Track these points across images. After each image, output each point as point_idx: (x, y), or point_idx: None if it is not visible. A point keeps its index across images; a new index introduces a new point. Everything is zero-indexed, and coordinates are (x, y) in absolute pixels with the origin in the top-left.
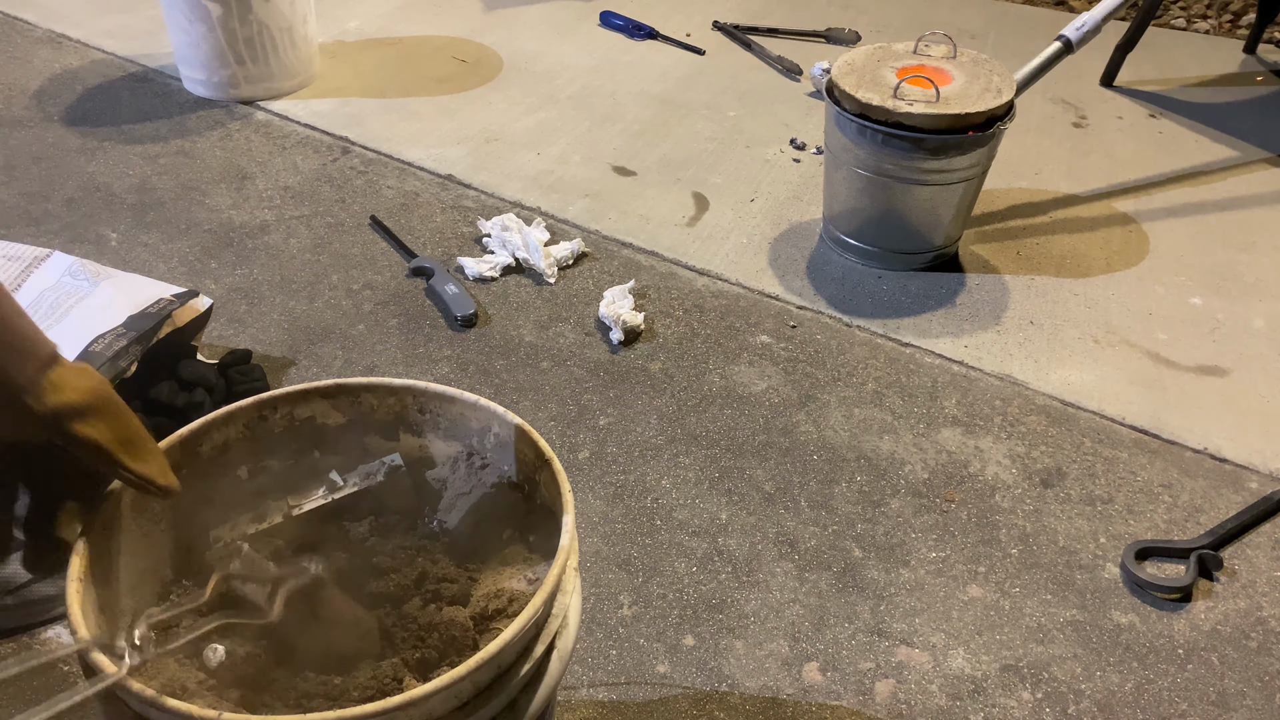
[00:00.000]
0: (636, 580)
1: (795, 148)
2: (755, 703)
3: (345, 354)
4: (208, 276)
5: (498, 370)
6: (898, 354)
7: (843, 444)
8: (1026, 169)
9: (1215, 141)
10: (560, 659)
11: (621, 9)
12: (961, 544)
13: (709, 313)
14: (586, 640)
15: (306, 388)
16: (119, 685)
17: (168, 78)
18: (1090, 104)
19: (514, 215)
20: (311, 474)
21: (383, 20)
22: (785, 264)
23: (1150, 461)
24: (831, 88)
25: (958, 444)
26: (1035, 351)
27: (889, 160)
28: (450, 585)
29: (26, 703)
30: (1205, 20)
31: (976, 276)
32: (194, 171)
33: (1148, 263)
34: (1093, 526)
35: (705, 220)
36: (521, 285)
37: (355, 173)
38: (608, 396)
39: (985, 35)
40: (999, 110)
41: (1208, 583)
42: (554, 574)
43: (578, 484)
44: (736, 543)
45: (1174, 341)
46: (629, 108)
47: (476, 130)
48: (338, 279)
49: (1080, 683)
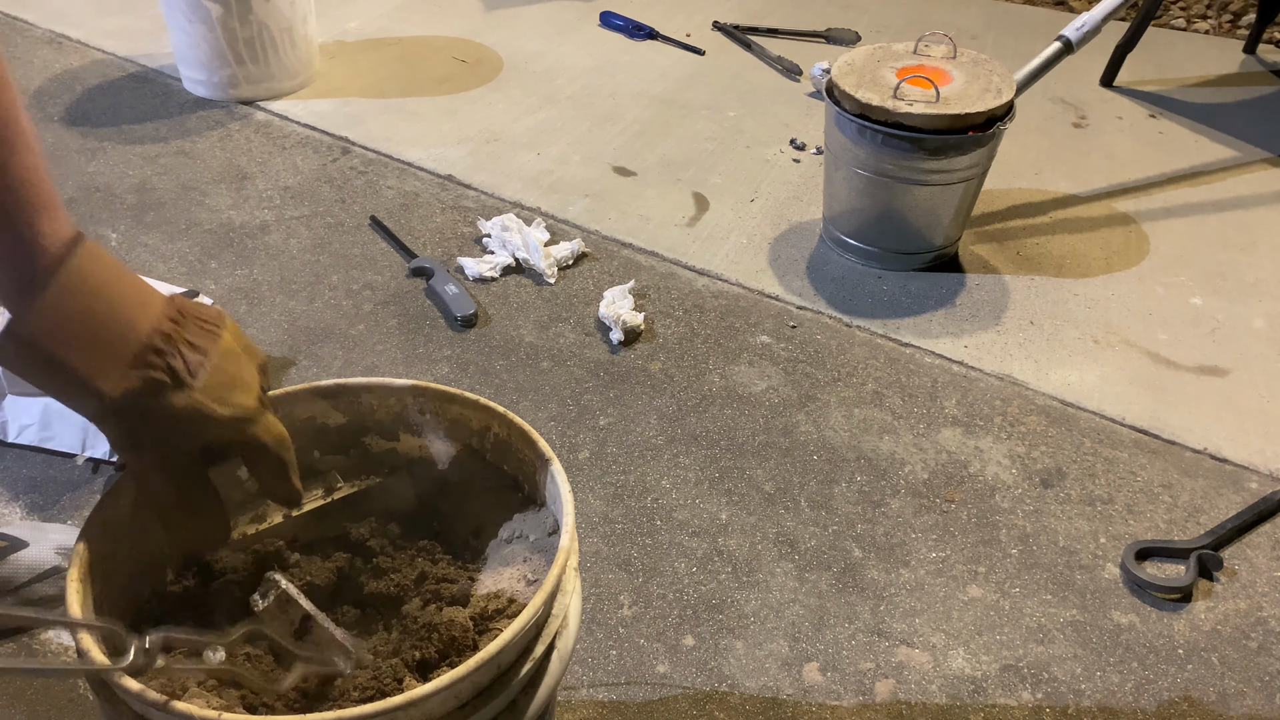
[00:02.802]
0: (636, 580)
1: (795, 148)
2: (755, 703)
3: (345, 354)
4: (208, 277)
5: (498, 370)
6: (898, 354)
7: (843, 444)
8: (1026, 169)
9: (1215, 141)
10: (560, 659)
11: (621, 9)
12: (961, 544)
13: (709, 313)
14: (586, 640)
15: (306, 388)
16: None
17: (168, 78)
18: (1090, 104)
19: (514, 215)
20: (312, 474)
21: (383, 20)
22: (785, 264)
23: (1150, 462)
24: (831, 88)
25: (958, 444)
26: (1035, 351)
27: (889, 160)
28: (450, 585)
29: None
30: (1205, 20)
31: (976, 276)
32: (194, 171)
33: (1148, 263)
34: (1093, 526)
35: (705, 220)
36: (521, 285)
37: (355, 173)
38: (608, 396)
39: (985, 35)
40: (999, 110)
41: (1208, 583)
42: (554, 574)
43: (578, 484)
44: (736, 543)
45: (1174, 341)
46: (629, 108)
47: (476, 130)
48: (338, 279)
49: (1080, 683)
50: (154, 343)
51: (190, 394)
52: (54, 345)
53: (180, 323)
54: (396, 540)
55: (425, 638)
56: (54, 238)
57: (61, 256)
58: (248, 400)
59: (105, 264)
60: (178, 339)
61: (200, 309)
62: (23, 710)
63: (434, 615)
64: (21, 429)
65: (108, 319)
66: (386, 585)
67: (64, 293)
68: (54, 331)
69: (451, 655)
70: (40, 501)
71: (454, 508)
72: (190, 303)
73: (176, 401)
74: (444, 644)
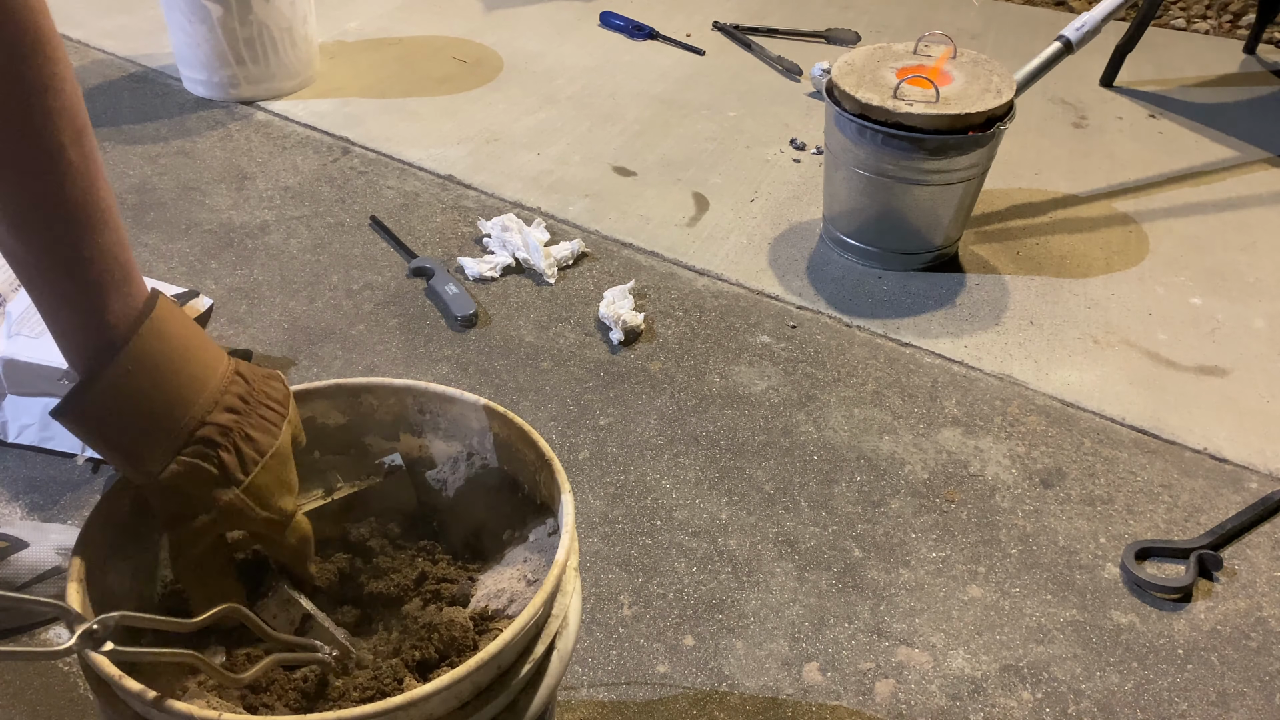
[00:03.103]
0: (636, 580)
1: (795, 148)
2: (755, 703)
3: (345, 354)
4: (208, 277)
5: (498, 370)
6: (898, 354)
7: (843, 444)
8: (1026, 169)
9: (1215, 141)
10: (560, 659)
11: (621, 9)
12: (961, 544)
13: (709, 313)
14: (586, 640)
15: (306, 388)
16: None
17: (168, 78)
18: (1090, 104)
19: (514, 215)
20: (311, 474)
21: (383, 20)
22: (785, 264)
23: (1150, 461)
24: (831, 88)
25: (958, 444)
26: (1035, 351)
27: (889, 160)
28: (450, 585)
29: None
30: (1205, 20)
31: (976, 276)
32: (194, 171)
33: (1148, 263)
34: (1093, 526)
35: (705, 220)
36: (521, 285)
37: (355, 173)
38: (608, 396)
39: (985, 35)
40: (999, 110)
41: (1208, 583)
42: (554, 574)
43: (578, 484)
44: (736, 543)
45: (1174, 341)
46: (629, 108)
47: (476, 130)
48: (338, 279)
49: (1080, 683)
50: (208, 434)
51: (234, 491)
52: (107, 424)
53: (242, 412)
54: (396, 540)
55: (425, 638)
56: (122, 314)
57: (125, 336)
58: (287, 505)
59: (169, 340)
60: (236, 432)
61: (269, 386)
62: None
63: (434, 615)
64: (21, 429)
65: (163, 402)
66: (386, 585)
67: (122, 374)
68: (109, 411)
69: (451, 655)
70: (40, 501)
71: (454, 508)
72: (259, 378)
73: (219, 495)
74: (444, 644)
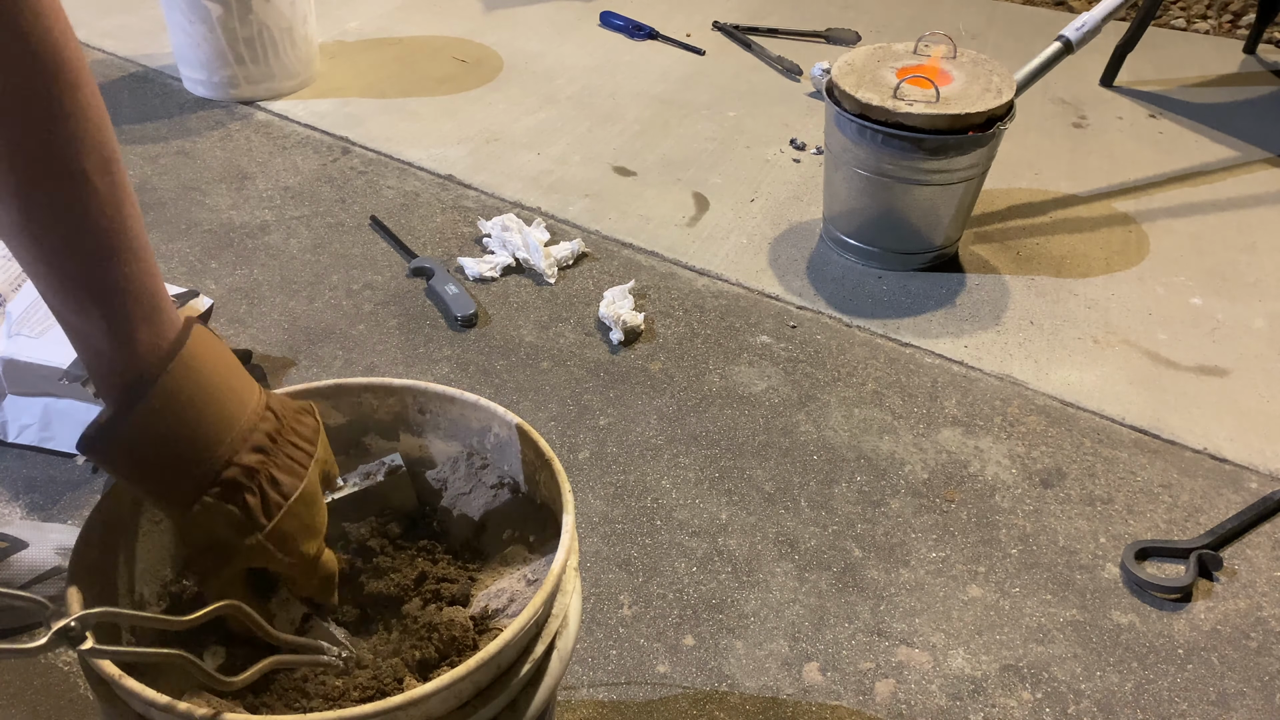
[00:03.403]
0: (636, 580)
1: (795, 148)
2: (755, 703)
3: (345, 354)
4: (208, 277)
5: (498, 370)
6: (898, 354)
7: (843, 444)
8: (1026, 169)
9: (1215, 141)
10: (560, 659)
11: (621, 9)
12: (961, 544)
13: (709, 313)
14: (586, 640)
15: (306, 388)
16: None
17: (168, 78)
18: (1090, 104)
19: (514, 215)
20: None
21: (383, 20)
22: (785, 264)
23: (1150, 461)
24: (831, 88)
25: (958, 444)
26: (1035, 351)
27: (889, 160)
28: (450, 585)
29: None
30: (1205, 20)
31: (976, 276)
32: (194, 171)
33: (1148, 263)
34: (1093, 526)
35: (705, 220)
36: (521, 285)
37: (355, 173)
38: (608, 396)
39: (985, 35)
40: (999, 110)
41: (1208, 583)
42: (554, 574)
43: (578, 484)
44: (736, 543)
45: (1174, 341)
46: (629, 108)
47: (476, 130)
48: (338, 279)
49: (1080, 683)
50: (233, 475)
51: (256, 535)
52: (134, 462)
53: (270, 451)
54: (396, 540)
55: (425, 638)
56: (151, 347)
57: (155, 371)
58: (311, 549)
59: (200, 375)
60: (263, 474)
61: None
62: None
63: (434, 615)
64: (21, 429)
65: (190, 442)
66: (387, 585)
67: (151, 412)
68: (135, 448)
69: (451, 655)
70: (40, 501)
71: (454, 508)
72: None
73: (242, 536)
74: (444, 644)
